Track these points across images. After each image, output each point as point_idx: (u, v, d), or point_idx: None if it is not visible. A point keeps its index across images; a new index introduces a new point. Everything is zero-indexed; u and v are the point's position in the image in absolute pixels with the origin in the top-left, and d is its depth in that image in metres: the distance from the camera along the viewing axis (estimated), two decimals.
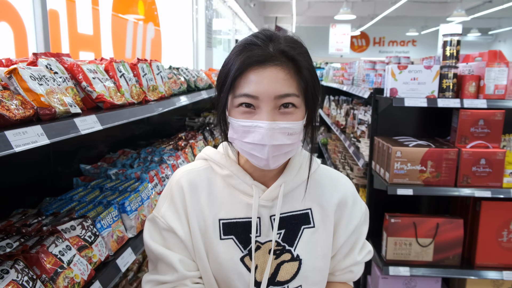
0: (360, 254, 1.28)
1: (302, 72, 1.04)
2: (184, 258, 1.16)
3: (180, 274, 1.13)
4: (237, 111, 1.05)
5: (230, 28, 9.86)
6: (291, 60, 1.03)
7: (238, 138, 1.07)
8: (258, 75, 1.01)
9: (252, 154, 1.06)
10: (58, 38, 2.42)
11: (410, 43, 20.74)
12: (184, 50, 5.26)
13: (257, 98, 1.01)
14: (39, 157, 1.84)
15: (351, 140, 4.09)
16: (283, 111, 1.03)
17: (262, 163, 1.06)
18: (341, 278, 1.30)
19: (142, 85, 1.83)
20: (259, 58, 1.01)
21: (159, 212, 1.18)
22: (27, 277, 1.08)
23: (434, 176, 2.63)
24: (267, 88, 1.00)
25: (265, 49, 1.02)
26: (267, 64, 1.01)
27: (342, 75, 5.37)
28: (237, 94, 1.03)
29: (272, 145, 1.02)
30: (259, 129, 1.01)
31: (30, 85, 1.07)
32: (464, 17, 11.71)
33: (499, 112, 2.62)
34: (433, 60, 3.27)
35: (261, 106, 1.01)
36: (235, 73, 1.02)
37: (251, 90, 1.01)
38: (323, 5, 13.64)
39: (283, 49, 1.03)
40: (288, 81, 1.02)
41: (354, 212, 1.25)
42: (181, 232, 1.15)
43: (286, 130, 1.02)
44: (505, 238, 2.76)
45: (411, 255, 2.79)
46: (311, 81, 1.06)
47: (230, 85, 1.04)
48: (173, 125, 3.78)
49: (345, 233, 1.23)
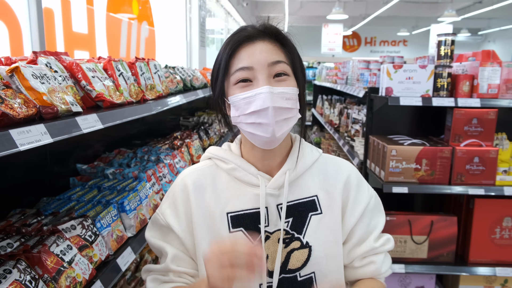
0: (377, 242, 1.26)
1: (288, 44, 1.15)
2: (180, 253, 1.20)
3: (165, 265, 1.18)
4: (235, 88, 1.11)
5: (223, 28, 9.85)
6: (277, 35, 1.14)
7: (241, 113, 1.10)
8: (249, 49, 1.10)
9: (257, 124, 1.09)
10: (53, 36, 2.40)
11: (401, 43, 20.87)
12: (178, 49, 5.25)
13: (252, 69, 1.08)
14: (36, 157, 1.83)
15: (345, 139, 4.12)
16: (278, 79, 1.10)
17: (268, 131, 1.08)
18: (365, 272, 1.26)
19: (140, 84, 1.83)
20: (248, 34, 1.11)
21: (160, 209, 1.24)
22: (29, 277, 1.08)
23: (428, 174, 2.65)
24: (259, 57, 1.09)
25: (250, 30, 1.13)
26: (256, 40, 1.11)
27: (336, 74, 5.39)
28: (232, 71, 1.11)
29: (274, 107, 1.06)
30: (260, 96, 1.06)
31: (32, 83, 1.06)
32: (454, 18, 11.81)
33: (492, 111, 2.65)
34: (427, 60, 3.31)
35: (257, 76, 1.08)
36: (228, 52, 1.11)
37: (246, 63, 1.09)
38: (315, 4, 13.67)
39: (266, 26, 1.14)
40: (277, 51, 1.12)
41: (360, 193, 1.25)
42: (178, 229, 1.19)
43: (283, 94, 1.08)
44: (498, 235, 2.80)
45: (406, 252, 2.81)
46: (296, 54, 1.17)
47: (224, 66, 1.11)
48: (167, 124, 3.77)
49: (353, 214, 1.23)
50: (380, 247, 1.25)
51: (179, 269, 1.18)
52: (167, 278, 1.19)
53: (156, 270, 1.22)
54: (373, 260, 1.25)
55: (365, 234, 1.25)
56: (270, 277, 1.15)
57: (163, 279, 1.20)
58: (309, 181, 1.22)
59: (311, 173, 1.23)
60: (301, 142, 1.26)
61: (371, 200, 1.27)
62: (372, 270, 1.25)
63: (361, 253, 1.24)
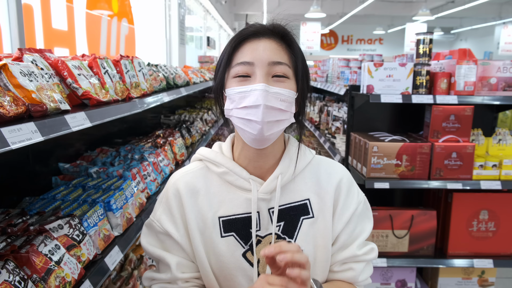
0: (361, 249, 1.23)
1: (293, 47, 1.14)
2: (182, 259, 1.18)
3: (172, 275, 1.16)
4: (233, 81, 1.10)
5: (202, 25, 9.80)
6: (283, 36, 1.13)
7: (234, 106, 1.10)
8: (253, 45, 1.09)
9: (247, 120, 1.07)
10: (33, 33, 2.35)
11: (377, 41, 21.20)
12: (158, 47, 5.20)
13: (252, 64, 1.08)
14: (18, 156, 1.79)
15: (326, 136, 4.16)
16: (276, 79, 1.09)
17: (257, 129, 1.06)
18: (341, 277, 1.24)
19: (125, 82, 1.81)
20: (254, 30, 1.11)
21: (155, 216, 1.21)
22: (18, 277, 1.06)
23: (409, 170, 2.71)
24: (261, 54, 1.08)
25: (257, 26, 1.13)
26: (261, 37, 1.10)
27: (316, 72, 5.44)
28: (233, 64, 1.10)
29: (266, 106, 1.05)
30: (254, 92, 1.06)
31: (20, 81, 1.04)
32: (428, 16, 12.06)
33: (469, 108, 2.73)
34: (405, 58, 3.37)
35: (256, 72, 1.08)
36: (232, 45, 1.11)
37: (247, 58, 1.08)
38: (293, 3, 13.74)
39: (274, 25, 1.13)
40: (281, 52, 1.11)
41: (350, 199, 1.24)
42: (176, 235, 1.17)
43: (279, 95, 1.07)
44: (475, 228, 2.88)
45: (388, 247, 2.87)
46: (300, 57, 1.15)
47: (227, 58, 1.11)
48: (148, 123, 3.74)
49: (341, 219, 1.21)
50: (363, 255, 1.24)
51: (185, 276, 1.17)
52: (176, 286, 1.18)
53: (161, 279, 1.19)
54: (352, 267, 1.23)
55: (349, 240, 1.24)
56: None
57: (171, 287, 1.18)
58: (302, 185, 1.21)
59: (304, 176, 1.22)
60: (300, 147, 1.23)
61: (359, 205, 1.25)
62: (349, 276, 1.24)
63: (342, 258, 1.23)
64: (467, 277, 3.05)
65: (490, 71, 2.77)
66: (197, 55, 8.25)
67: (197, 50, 9.26)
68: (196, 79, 3.70)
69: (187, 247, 1.17)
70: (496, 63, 2.78)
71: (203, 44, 9.92)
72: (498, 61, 2.79)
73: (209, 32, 10.96)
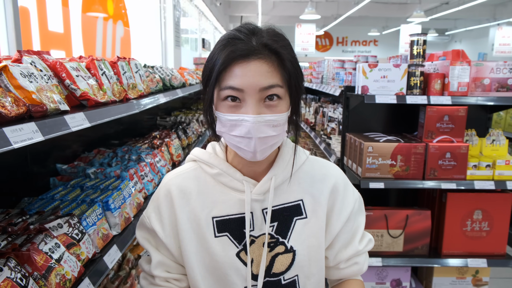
0: (361, 243, 1.29)
1: (285, 64, 1.06)
2: (165, 259, 1.22)
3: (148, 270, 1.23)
4: (223, 105, 1.07)
5: (197, 27, 9.83)
6: (274, 53, 1.05)
7: (226, 131, 1.09)
8: (242, 68, 1.02)
9: (239, 147, 1.08)
10: (29, 35, 2.37)
11: (372, 42, 21.30)
12: (153, 48, 5.22)
13: (242, 91, 1.02)
14: (16, 158, 1.80)
15: (322, 137, 4.19)
16: (268, 104, 1.05)
17: (249, 155, 1.08)
18: (349, 272, 1.29)
19: (123, 83, 1.83)
20: (242, 52, 1.02)
21: (147, 212, 1.25)
22: (20, 275, 1.07)
23: (403, 170, 2.74)
24: (251, 81, 1.01)
25: (248, 43, 1.04)
26: (251, 58, 1.02)
27: (311, 73, 5.47)
28: (223, 86, 1.04)
29: (259, 138, 1.04)
30: (245, 123, 1.03)
31: (21, 82, 1.06)
32: (423, 18, 12.15)
33: (462, 108, 2.76)
34: (400, 59, 3.41)
35: (247, 99, 1.03)
36: (219, 67, 1.03)
37: (236, 83, 1.02)
38: (288, 4, 13.79)
39: (266, 43, 1.04)
40: (272, 73, 1.04)
41: (347, 199, 1.26)
42: (162, 234, 1.20)
43: (271, 122, 1.05)
44: (469, 228, 2.91)
45: (383, 246, 2.90)
46: (294, 73, 1.09)
47: (215, 79, 1.05)
48: (144, 124, 3.75)
49: (340, 220, 1.24)
50: (364, 248, 1.29)
51: (163, 275, 1.21)
52: (153, 281, 1.22)
53: (144, 270, 1.26)
54: (356, 261, 1.29)
55: (350, 237, 1.28)
56: (254, 280, 1.16)
57: (151, 281, 1.24)
58: (295, 185, 1.22)
59: (297, 177, 1.23)
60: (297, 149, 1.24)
61: (356, 203, 1.28)
62: (356, 270, 1.29)
63: (347, 256, 1.27)
64: (461, 277, 3.08)
65: (483, 72, 2.81)
66: (192, 57, 8.27)
67: (193, 52, 9.28)
68: (192, 80, 3.72)
69: (171, 247, 1.20)
70: (490, 64, 2.81)
71: (198, 46, 9.94)
72: (491, 62, 2.82)
73: (204, 34, 10.99)
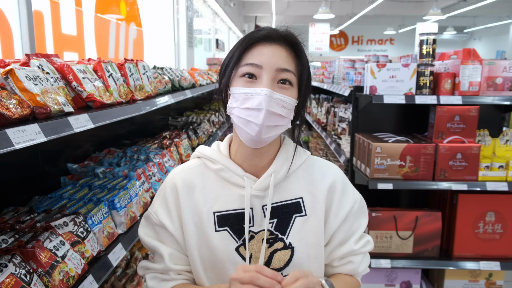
0: (358, 244, 1.29)
1: (302, 57, 1.18)
2: (174, 251, 1.24)
3: (165, 265, 1.22)
4: (239, 81, 1.14)
5: (211, 28, 9.88)
6: (294, 45, 1.17)
7: (237, 105, 1.14)
8: (264, 48, 1.13)
9: (248, 121, 1.12)
10: (43, 39, 2.43)
11: (388, 41, 21.10)
12: (166, 49, 5.27)
13: (261, 67, 1.12)
14: (27, 157, 1.86)
15: (332, 138, 4.18)
16: (281, 86, 1.13)
17: (256, 130, 1.12)
18: (342, 270, 1.31)
19: (130, 85, 1.87)
20: (267, 34, 1.15)
21: (153, 208, 1.27)
22: (24, 271, 1.11)
23: (413, 171, 2.72)
24: (271, 59, 1.12)
25: (271, 30, 1.17)
26: (273, 42, 1.14)
27: (323, 73, 5.46)
28: (242, 64, 1.14)
29: (268, 111, 1.10)
30: (259, 95, 1.10)
31: (26, 85, 1.10)
32: (440, 16, 11.98)
33: (474, 108, 2.73)
34: (411, 58, 3.38)
35: (263, 75, 1.12)
36: (243, 46, 1.14)
37: (256, 60, 1.12)
38: (302, 4, 13.77)
39: (287, 33, 1.17)
40: (289, 60, 1.15)
41: (345, 198, 1.28)
42: (171, 227, 1.22)
43: (281, 102, 1.12)
44: (481, 230, 2.87)
45: (392, 248, 2.88)
46: (306, 68, 1.19)
47: (237, 57, 1.15)
48: (156, 124, 3.80)
49: (337, 218, 1.25)
50: (360, 249, 1.30)
51: (177, 268, 1.23)
52: (168, 277, 1.23)
53: (154, 269, 1.25)
54: (351, 260, 1.30)
55: (346, 237, 1.29)
56: None
57: (163, 277, 1.24)
58: (295, 183, 1.25)
59: (297, 175, 1.27)
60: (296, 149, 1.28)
61: (355, 204, 1.29)
62: (350, 269, 1.30)
63: (340, 254, 1.29)
64: (474, 280, 3.03)
65: (496, 71, 2.77)
66: (205, 57, 8.32)
67: (206, 52, 9.34)
68: (203, 81, 3.75)
69: (180, 240, 1.23)
70: (502, 63, 2.77)
71: (212, 46, 10.00)
72: (504, 60, 2.78)
73: (218, 34, 11.04)
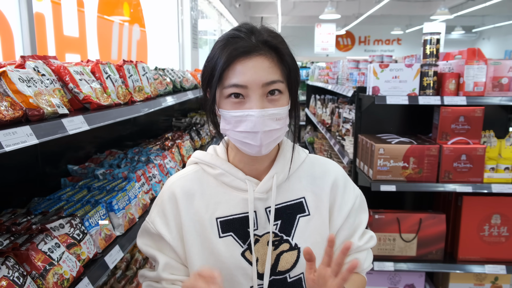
0: (361, 240, 1.29)
1: (285, 59, 1.12)
2: (171, 260, 1.21)
3: (157, 274, 1.20)
4: (227, 102, 1.10)
5: (216, 29, 9.88)
6: (274, 49, 1.10)
7: (231, 128, 1.12)
8: (244, 65, 1.07)
9: (245, 143, 1.11)
10: (44, 40, 2.43)
11: (395, 41, 20.95)
12: (170, 51, 5.27)
13: (246, 87, 1.07)
14: (27, 158, 1.86)
15: (336, 138, 4.16)
16: (271, 98, 1.09)
17: (255, 150, 1.11)
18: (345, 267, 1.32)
19: (128, 86, 1.86)
20: (244, 49, 1.07)
21: (150, 218, 1.25)
22: (17, 273, 1.11)
23: (416, 172, 2.69)
24: (254, 77, 1.06)
25: (248, 40, 1.09)
26: (252, 54, 1.07)
27: (327, 74, 5.43)
28: (226, 85, 1.08)
29: (264, 131, 1.08)
30: (251, 118, 1.07)
31: (18, 87, 1.10)
32: (447, 15, 11.87)
33: (479, 109, 2.69)
34: (415, 59, 3.35)
35: (250, 95, 1.07)
36: (222, 65, 1.08)
37: (240, 80, 1.06)
38: (308, 4, 13.73)
39: (265, 39, 1.10)
40: (273, 68, 1.09)
41: (347, 194, 1.28)
42: (169, 237, 1.20)
43: (274, 116, 1.09)
44: (486, 232, 2.83)
45: (395, 250, 2.85)
46: (293, 68, 1.14)
47: (218, 77, 1.09)
48: (159, 125, 3.80)
49: (340, 215, 1.25)
50: (364, 245, 1.29)
51: (171, 277, 1.20)
52: (160, 286, 1.21)
53: (149, 277, 1.24)
54: (356, 257, 1.28)
55: (350, 233, 1.28)
56: (260, 279, 1.17)
57: (156, 286, 1.22)
58: (297, 183, 1.24)
59: (299, 175, 1.26)
60: (294, 148, 1.27)
61: (357, 200, 1.29)
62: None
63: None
64: (480, 283, 3.00)
65: (501, 71, 2.73)
66: None
67: None
68: None
69: (178, 250, 1.20)
70: (508, 63, 2.73)
71: None
72: (509, 60, 2.74)
73: None
